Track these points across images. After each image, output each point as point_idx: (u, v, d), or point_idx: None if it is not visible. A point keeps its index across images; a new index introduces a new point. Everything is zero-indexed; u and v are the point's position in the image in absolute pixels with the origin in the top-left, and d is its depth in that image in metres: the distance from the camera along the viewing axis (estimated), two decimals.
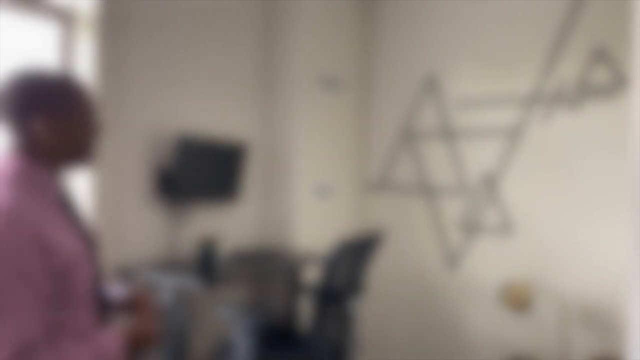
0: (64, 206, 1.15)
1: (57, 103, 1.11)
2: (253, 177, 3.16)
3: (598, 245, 2.69)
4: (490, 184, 3.05)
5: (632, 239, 1.87)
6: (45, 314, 1.02)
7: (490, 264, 3.04)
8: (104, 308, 1.22)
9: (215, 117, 2.91)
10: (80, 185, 2.25)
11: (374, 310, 3.43)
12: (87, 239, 1.18)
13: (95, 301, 1.16)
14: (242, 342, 2.17)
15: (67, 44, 2.28)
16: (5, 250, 0.97)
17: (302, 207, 3.15)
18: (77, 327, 1.09)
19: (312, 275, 3.01)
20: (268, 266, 2.63)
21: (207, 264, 2.33)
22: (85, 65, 2.29)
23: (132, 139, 2.47)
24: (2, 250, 0.97)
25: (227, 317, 2.24)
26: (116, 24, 2.36)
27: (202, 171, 2.67)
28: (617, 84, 2.66)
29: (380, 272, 3.36)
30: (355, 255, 2.36)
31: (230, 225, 3.02)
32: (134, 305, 1.30)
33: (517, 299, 2.74)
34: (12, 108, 1.08)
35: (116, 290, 1.35)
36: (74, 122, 1.13)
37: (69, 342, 1.05)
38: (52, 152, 1.11)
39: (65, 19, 2.26)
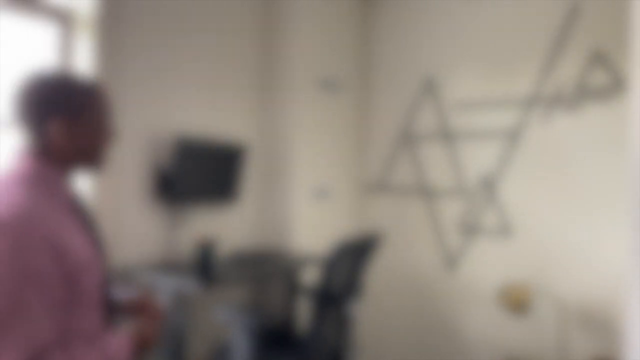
0: (74, 208, 1.15)
1: (74, 107, 1.11)
2: (252, 178, 3.15)
3: (597, 247, 2.69)
4: (489, 186, 3.05)
5: (631, 240, 1.88)
6: (57, 317, 1.01)
7: (489, 265, 3.04)
8: (110, 311, 1.22)
9: (214, 119, 2.91)
10: (80, 186, 2.25)
11: (372, 312, 3.43)
12: (95, 242, 1.18)
13: (103, 304, 1.16)
14: (241, 344, 2.16)
15: (65, 45, 2.28)
16: (19, 252, 0.96)
17: (301, 209, 3.15)
18: (85, 330, 1.09)
19: (310, 276, 3.01)
20: (266, 268, 2.62)
21: (205, 265, 2.32)
22: (83, 66, 2.29)
23: (131, 140, 2.47)
24: (16, 252, 0.96)
25: (225, 319, 2.24)
26: (115, 25, 2.36)
27: (200, 172, 2.67)
28: (616, 86, 2.66)
29: (379, 274, 3.36)
30: (353, 257, 2.36)
31: (229, 227, 3.02)
32: (139, 308, 1.29)
33: (516, 301, 2.74)
34: (29, 109, 1.08)
35: (121, 293, 1.35)
36: (89, 127, 1.14)
37: (80, 346, 1.05)
38: (65, 155, 1.12)
39: (64, 20, 2.26)
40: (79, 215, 1.16)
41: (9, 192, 1.03)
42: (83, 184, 2.26)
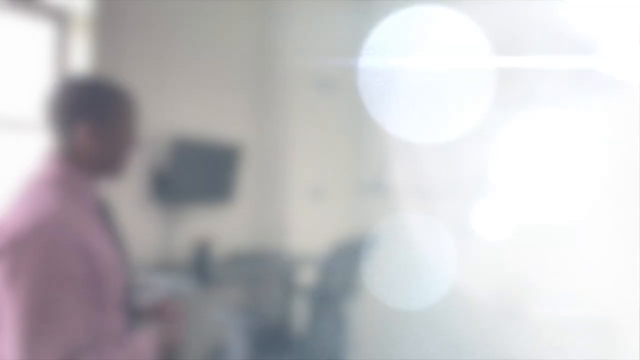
0: (98, 212, 1.16)
1: (103, 113, 1.13)
2: (248, 178, 3.14)
3: (593, 248, 2.69)
4: (485, 186, 3.06)
5: (628, 242, 1.88)
6: (88, 318, 1.02)
7: (485, 266, 3.04)
8: (132, 314, 1.23)
9: (210, 119, 2.90)
10: None
11: (369, 312, 3.42)
12: (119, 246, 1.19)
13: (125, 307, 1.17)
14: (237, 344, 2.16)
15: (62, 44, 2.27)
16: (51, 254, 0.97)
17: (298, 209, 3.14)
18: (111, 331, 1.10)
19: (307, 277, 3.00)
20: (263, 268, 2.62)
21: (201, 266, 2.32)
22: (79, 66, 2.28)
23: None
24: (49, 255, 0.97)
25: (222, 320, 2.24)
26: (111, 25, 2.35)
27: (197, 173, 2.66)
28: (611, 87, 2.67)
29: (375, 274, 3.35)
30: (350, 258, 2.36)
31: (225, 227, 3.00)
32: (160, 312, 1.30)
33: (511, 302, 2.74)
34: (58, 113, 1.10)
35: (142, 297, 1.36)
36: (116, 134, 1.15)
37: (108, 346, 1.06)
38: (92, 160, 1.13)
39: (61, 19, 2.25)
40: (103, 218, 1.18)
41: (38, 196, 1.05)
42: None
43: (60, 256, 0.98)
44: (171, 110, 2.68)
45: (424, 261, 3.28)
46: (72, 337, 0.97)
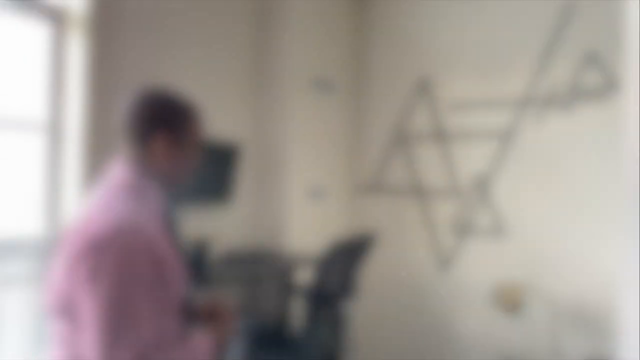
0: (164, 220, 1.21)
1: (179, 126, 1.21)
2: (246, 178, 3.15)
3: (589, 247, 2.70)
4: (482, 186, 3.06)
5: (625, 239, 1.88)
6: (158, 320, 1.07)
7: (482, 265, 3.05)
8: (189, 315, 1.26)
9: (208, 118, 2.90)
10: (74, 187, 2.23)
11: (366, 312, 3.43)
12: (181, 251, 1.24)
13: (185, 309, 1.21)
14: (235, 344, 2.16)
15: (58, 44, 2.27)
16: (129, 259, 1.03)
17: (295, 209, 3.14)
18: (174, 332, 1.14)
19: (304, 277, 3.00)
20: (261, 268, 2.62)
21: (199, 266, 2.32)
22: (76, 65, 2.28)
23: None
24: (126, 258, 1.02)
25: None
26: (108, 24, 2.35)
27: (194, 172, 2.66)
28: (609, 87, 2.67)
29: (373, 274, 3.36)
30: (348, 257, 2.36)
31: (223, 227, 3.01)
32: (212, 312, 1.34)
33: (509, 301, 2.75)
34: (137, 123, 1.17)
35: (195, 298, 1.38)
36: (188, 146, 1.23)
37: (175, 346, 1.11)
38: (164, 169, 1.20)
39: (57, 19, 2.25)
40: (169, 225, 1.23)
41: (116, 201, 1.11)
42: (77, 184, 2.24)
43: (136, 260, 1.03)
44: None
45: (423, 261, 3.29)
46: (145, 336, 1.02)
